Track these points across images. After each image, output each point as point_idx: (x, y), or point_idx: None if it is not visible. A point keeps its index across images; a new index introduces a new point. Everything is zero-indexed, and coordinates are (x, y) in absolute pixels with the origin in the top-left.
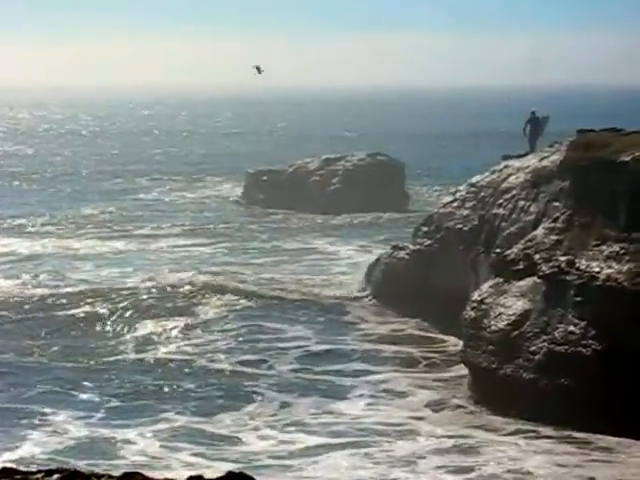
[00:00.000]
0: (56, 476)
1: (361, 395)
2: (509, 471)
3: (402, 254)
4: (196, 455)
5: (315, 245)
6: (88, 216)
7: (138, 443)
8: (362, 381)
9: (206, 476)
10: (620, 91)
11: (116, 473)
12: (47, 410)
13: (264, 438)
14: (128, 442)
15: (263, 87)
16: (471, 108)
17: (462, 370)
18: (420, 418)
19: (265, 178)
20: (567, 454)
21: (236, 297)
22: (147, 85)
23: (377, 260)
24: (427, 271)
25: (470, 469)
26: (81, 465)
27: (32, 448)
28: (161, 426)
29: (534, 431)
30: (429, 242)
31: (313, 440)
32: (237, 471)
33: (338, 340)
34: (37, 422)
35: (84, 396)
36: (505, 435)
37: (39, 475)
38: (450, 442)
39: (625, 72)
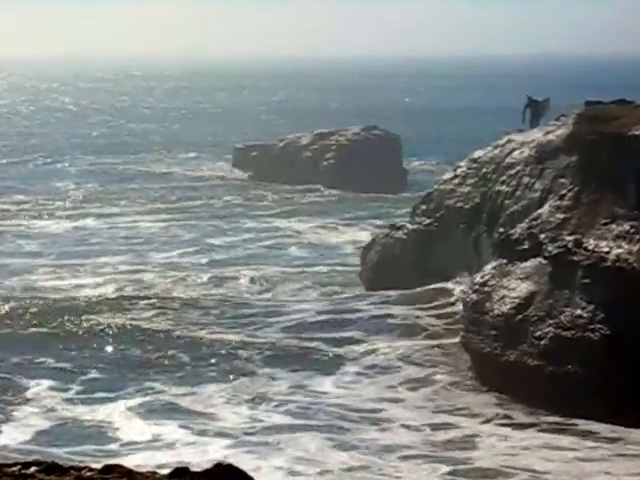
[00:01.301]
0: (33, 469)
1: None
2: (506, 466)
3: (399, 234)
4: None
5: (303, 226)
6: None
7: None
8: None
9: (191, 468)
10: (626, 62)
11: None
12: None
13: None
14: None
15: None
16: (472, 80)
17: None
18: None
19: (254, 153)
20: (573, 445)
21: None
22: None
23: (372, 241)
24: (426, 252)
25: (462, 461)
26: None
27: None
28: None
29: (537, 419)
30: (428, 221)
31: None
32: (225, 463)
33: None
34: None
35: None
36: (507, 426)
37: (15, 468)
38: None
39: (632, 41)
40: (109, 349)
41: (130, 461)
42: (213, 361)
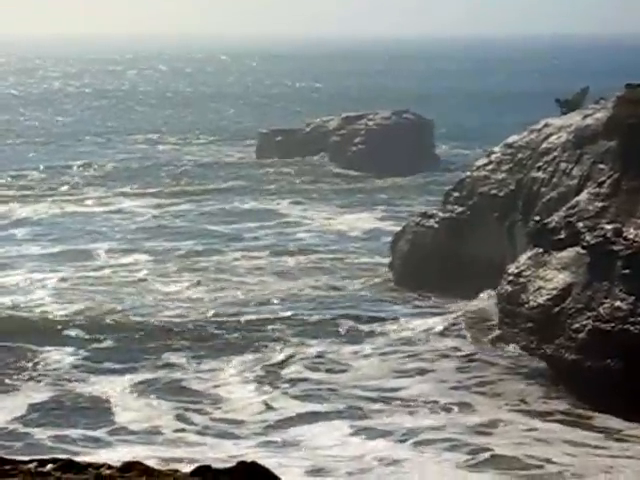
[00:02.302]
0: (50, 466)
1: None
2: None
3: (430, 222)
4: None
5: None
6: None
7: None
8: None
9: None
10: None
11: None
12: None
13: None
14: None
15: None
16: (502, 63)
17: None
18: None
19: (279, 138)
20: (598, 442)
21: None
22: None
23: (403, 229)
24: (457, 242)
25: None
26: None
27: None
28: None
29: (577, 417)
30: (460, 209)
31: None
32: (249, 461)
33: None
34: None
35: None
36: (543, 420)
37: (31, 465)
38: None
39: None
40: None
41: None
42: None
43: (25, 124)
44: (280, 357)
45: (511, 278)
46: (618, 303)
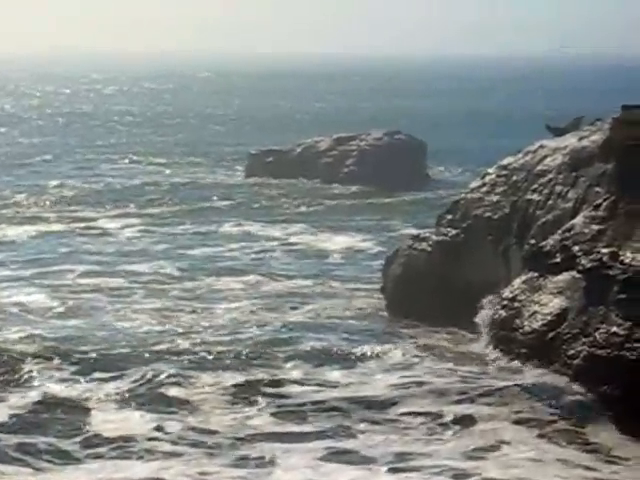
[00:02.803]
0: None
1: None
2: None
3: (423, 245)
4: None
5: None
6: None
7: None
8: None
9: None
10: None
11: None
12: None
13: None
14: None
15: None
16: (496, 81)
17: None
18: None
19: (270, 159)
20: (593, 465)
21: None
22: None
23: (395, 252)
24: (451, 265)
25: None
26: None
27: None
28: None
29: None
30: (454, 232)
31: None
32: None
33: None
34: None
35: None
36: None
37: None
38: None
39: None
40: None
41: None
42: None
43: None
44: (260, 376)
45: (505, 303)
46: (614, 329)
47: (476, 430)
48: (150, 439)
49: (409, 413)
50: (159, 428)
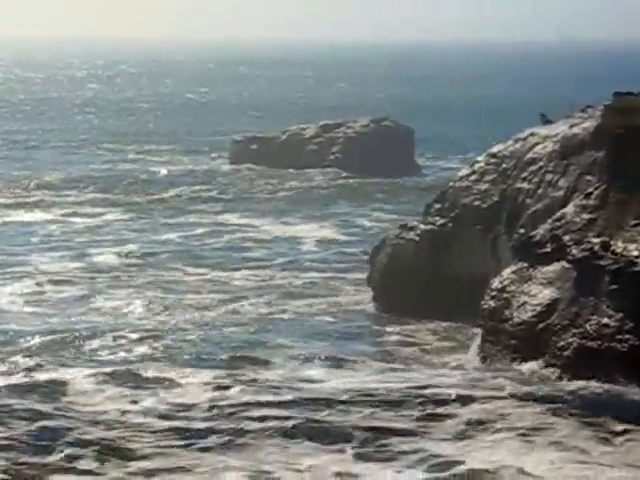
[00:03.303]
0: None
1: None
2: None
3: (411, 235)
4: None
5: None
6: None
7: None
8: None
9: None
10: None
11: None
12: None
13: None
14: None
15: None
16: (488, 68)
17: None
18: None
19: (254, 146)
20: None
21: None
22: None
23: (382, 242)
24: (439, 255)
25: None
26: None
27: None
28: None
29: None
30: (442, 221)
31: None
32: None
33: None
34: None
35: None
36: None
37: None
38: None
39: None
40: None
41: None
42: None
43: None
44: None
45: (494, 293)
46: (605, 320)
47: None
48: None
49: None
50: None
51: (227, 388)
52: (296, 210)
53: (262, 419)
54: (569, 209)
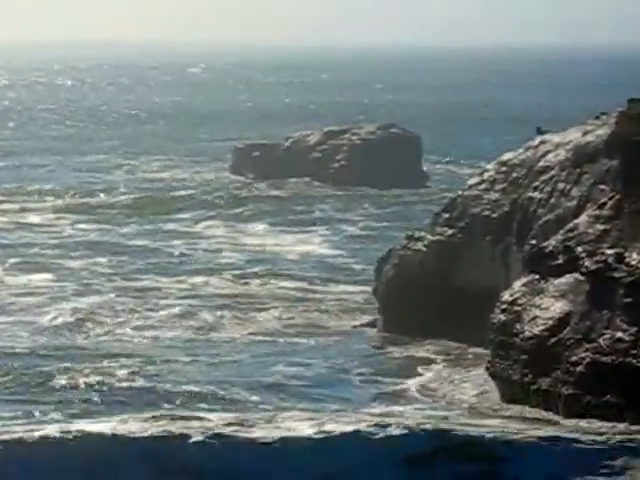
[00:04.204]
0: None
1: None
2: None
3: (418, 246)
4: None
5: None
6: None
7: None
8: None
9: None
10: None
11: None
12: None
13: None
14: None
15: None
16: (498, 74)
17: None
18: None
19: (257, 154)
20: None
21: None
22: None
23: (389, 253)
24: (448, 267)
25: None
26: None
27: None
28: None
29: None
30: (451, 232)
31: None
32: None
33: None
34: None
35: None
36: None
37: None
38: None
39: None
40: None
41: None
42: None
43: None
44: None
45: (505, 306)
46: (619, 334)
47: None
48: None
49: None
50: None
51: None
52: (300, 222)
53: None
54: (582, 219)
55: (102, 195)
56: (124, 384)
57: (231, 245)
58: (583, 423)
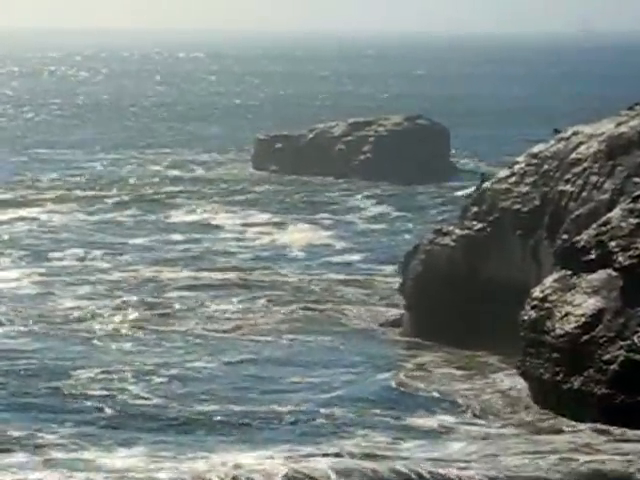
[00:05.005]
0: None
1: None
2: None
3: (446, 241)
4: None
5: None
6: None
7: None
8: None
9: None
10: None
11: None
12: None
13: None
14: None
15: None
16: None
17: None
18: None
19: (279, 145)
20: None
21: None
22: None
23: (415, 248)
24: (476, 262)
25: None
26: None
27: None
28: None
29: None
30: (480, 226)
31: None
32: None
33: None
34: None
35: None
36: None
37: None
38: None
39: None
40: None
41: None
42: None
43: None
44: None
45: (535, 303)
46: None
47: None
48: None
49: None
50: None
51: None
52: (327, 218)
53: None
54: (615, 213)
55: (114, 189)
56: None
57: (243, 238)
58: None
